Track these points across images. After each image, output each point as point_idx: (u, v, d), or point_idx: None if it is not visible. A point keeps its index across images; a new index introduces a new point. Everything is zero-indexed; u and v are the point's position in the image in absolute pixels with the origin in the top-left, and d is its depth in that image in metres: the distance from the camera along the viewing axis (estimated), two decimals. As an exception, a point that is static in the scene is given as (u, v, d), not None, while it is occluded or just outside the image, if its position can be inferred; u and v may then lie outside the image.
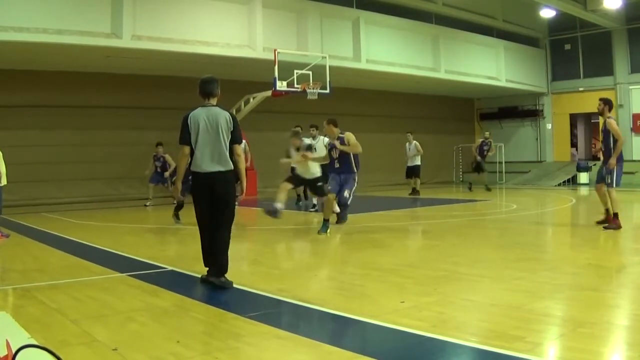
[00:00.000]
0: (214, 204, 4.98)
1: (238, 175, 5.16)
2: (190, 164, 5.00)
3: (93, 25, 12.24)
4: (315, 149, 11.28)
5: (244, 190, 5.26)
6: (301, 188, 12.45)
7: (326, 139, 11.53)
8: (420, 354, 3.32)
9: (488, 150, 17.60)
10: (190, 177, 5.19)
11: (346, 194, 8.33)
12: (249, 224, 10.71)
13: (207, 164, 4.92)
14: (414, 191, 16.02)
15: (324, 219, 8.50)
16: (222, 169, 4.95)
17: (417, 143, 16.00)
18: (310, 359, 3.26)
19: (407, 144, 16.29)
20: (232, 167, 5.02)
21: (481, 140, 17.89)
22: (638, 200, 13.94)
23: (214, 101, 5.05)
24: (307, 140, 11.52)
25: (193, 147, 4.93)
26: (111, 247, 7.52)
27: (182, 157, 4.99)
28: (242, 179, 5.22)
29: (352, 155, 8.39)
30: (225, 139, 4.96)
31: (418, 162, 16.05)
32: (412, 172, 16.08)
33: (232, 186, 5.10)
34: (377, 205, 13.79)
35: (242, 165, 5.16)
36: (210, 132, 4.92)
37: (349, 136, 8.41)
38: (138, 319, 4.06)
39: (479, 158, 17.46)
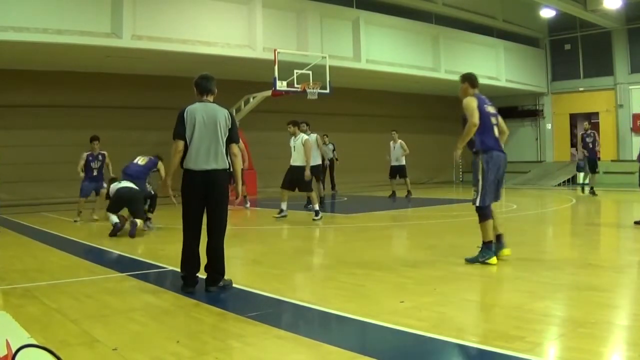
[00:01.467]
0: (208, 205, 4.81)
1: (234, 176, 4.98)
2: (182, 161, 4.82)
3: (93, 25, 12.25)
4: (294, 148, 10.42)
5: (240, 193, 5.04)
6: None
7: (311, 136, 11.07)
8: (420, 354, 3.32)
9: (594, 144, 14.66)
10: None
11: (474, 192, 5.98)
12: (249, 224, 10.70)
13: (202, 161, 4.75)
14: (407, 193, 15.35)
15: (484, 242, 5.95)
16: (217, 167, 4.79)
17: (403, 142, 15.42)
18: (310, 359, 3.26)
19: (392, 142, 15.60)
20: (227, 166, 4.86)
21: (581, 132, 15.25)
22: (638, 200, 13.93)
23: (211, 99, 4.94)
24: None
25: (187, 143, 4.76)
26: (111, 247, 7.52)
27: (176, 152, 4.78)
28: (238, 181, 5.03)
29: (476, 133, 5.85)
30: (223, 136, 4.82)
31: (403, 161, 15.43)
32: (397, 172, 15.50)
33: (227, 187, 4.94)
34: (378, 205, 13.79)
35: (239, 166, 5.00)
36: (207, 127, 4.76)
37: (466, 104, 5.87)
38: (138, 319, 4.05)
39: (586, 153, 14.67)
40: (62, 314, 4.14)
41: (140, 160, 9.65)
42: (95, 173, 11.06)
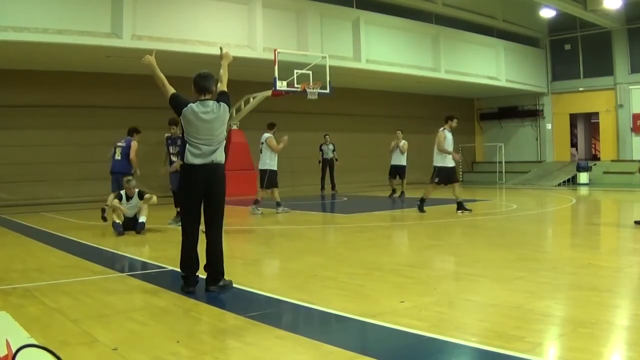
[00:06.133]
0: (208, 200, 4.81)
1: None
2: (182, 158, 4.86)
3: (93, 25, 12.26)
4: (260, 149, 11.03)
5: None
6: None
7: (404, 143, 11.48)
8: (420, 354, 3.32)
9: None
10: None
11: None
12: (249, 224, 10.70)
13: (204, 155, 4.77)
14: (401, 194, 14.99)
15: None
16: (217, 161, 4.83)
17: (406, 142, 15.00)
18: (310, 359, 3.26)
19: (394, 142, 15.15)
20: (224, 160, 4.92)
21: None
22: (638, 200, 13.94)
23: (209, 97, 4.95)
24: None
25: (187, 139, 4.80)
26: (111, 247, 7.52)
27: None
28: None
29: None
30: (223, 131, 4.89)
31: (404, 162, 15.04)
32: (397, 172, 15.14)
33: (225, 183, 4.94)
34: (377, 205, 13.78)
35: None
36: (206, 124, 4.79)
37: None
38: (138, 318, 4.05)
39: None
40: (62, 314, 4.13)
41: (117, 154, 10.02)
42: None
